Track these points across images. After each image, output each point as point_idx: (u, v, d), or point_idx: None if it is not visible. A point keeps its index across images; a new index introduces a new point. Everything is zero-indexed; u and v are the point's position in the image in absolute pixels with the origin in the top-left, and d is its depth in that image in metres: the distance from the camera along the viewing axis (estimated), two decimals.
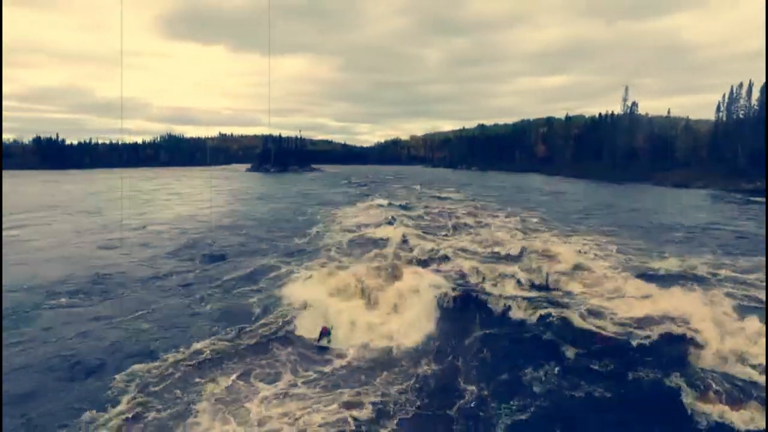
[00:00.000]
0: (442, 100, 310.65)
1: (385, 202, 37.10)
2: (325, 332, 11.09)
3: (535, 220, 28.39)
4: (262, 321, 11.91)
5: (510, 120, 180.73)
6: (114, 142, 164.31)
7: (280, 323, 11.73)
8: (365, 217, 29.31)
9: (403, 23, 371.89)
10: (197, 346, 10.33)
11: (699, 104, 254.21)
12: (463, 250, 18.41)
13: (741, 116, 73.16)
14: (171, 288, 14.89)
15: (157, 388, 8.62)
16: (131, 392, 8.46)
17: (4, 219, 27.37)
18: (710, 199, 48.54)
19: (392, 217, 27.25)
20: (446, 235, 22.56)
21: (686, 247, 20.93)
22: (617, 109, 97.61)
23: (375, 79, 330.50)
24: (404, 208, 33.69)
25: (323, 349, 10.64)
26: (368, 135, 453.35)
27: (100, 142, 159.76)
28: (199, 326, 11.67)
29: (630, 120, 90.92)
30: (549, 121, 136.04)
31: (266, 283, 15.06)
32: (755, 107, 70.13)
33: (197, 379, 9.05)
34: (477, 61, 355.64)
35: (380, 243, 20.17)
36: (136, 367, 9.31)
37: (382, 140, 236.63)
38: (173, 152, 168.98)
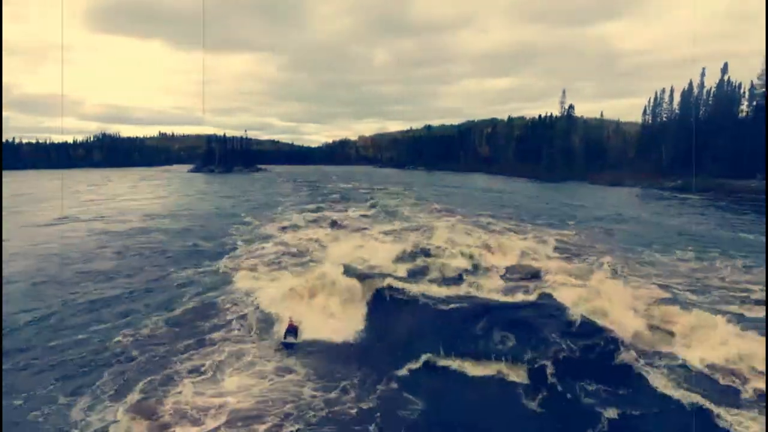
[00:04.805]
0: (390, 100, 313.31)
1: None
2: (293, 329, 10.24)
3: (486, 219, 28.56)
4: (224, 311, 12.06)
5: (456, 121, 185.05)
6: (41, 141, 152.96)
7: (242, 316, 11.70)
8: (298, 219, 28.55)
9: (350, 23, 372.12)
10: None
11: (629, 107, 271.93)
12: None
13: (664, 119, 78.48)
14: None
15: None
16: None
17: None
18: (641, 195, 51.91)
19: (335, 222, 26.82)
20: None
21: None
22: (556, 111, 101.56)
23: (322, 79, 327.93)
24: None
25: (288, 346, 9.91)
26: (316, 135, 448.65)
27: (24, 141, 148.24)
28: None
29: (567, 122, 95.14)
30: (493, 123, 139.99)
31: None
32: (677, 111, 75.42)
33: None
34: (424, 62, 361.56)
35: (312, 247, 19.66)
36: None
37: (330, 140, 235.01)
38: (108, 152, 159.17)
